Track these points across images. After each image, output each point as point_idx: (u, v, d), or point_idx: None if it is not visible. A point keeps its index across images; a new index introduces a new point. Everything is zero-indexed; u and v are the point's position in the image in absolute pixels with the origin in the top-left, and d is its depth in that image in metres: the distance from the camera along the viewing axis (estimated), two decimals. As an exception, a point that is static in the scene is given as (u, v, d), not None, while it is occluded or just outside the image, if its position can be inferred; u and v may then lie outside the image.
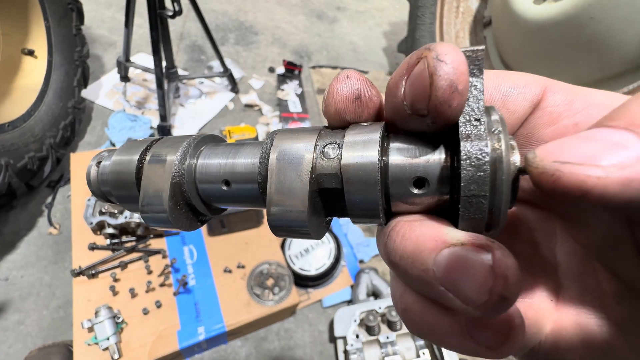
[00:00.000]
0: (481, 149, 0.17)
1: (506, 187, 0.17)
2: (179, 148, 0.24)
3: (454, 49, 0.17)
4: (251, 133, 1.61)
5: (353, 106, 0.21)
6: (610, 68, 1.43)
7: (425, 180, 0.19)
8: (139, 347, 1.08)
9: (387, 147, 0.20)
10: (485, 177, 0.17)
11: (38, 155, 1.37)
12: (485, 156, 0.17)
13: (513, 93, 0.21)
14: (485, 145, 0.17)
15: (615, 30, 1.36)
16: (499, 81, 0.22)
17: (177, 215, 0.23)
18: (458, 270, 0.16)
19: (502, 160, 0.17)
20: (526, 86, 0.22)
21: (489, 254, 0.16)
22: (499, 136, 0.18)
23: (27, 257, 1.35)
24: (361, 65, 2.51)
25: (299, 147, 0.21)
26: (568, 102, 0.21)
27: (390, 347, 1.20)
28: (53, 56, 1.51)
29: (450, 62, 0.17)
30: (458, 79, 0.17)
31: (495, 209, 0.18)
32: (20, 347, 1.17)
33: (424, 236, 0.18)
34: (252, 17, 2.63)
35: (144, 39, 2.11)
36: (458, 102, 0.17)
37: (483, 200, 0.17)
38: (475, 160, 0.17)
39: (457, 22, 1.98)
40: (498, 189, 0.17)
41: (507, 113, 0.22)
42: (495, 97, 0.22)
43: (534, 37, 1.62)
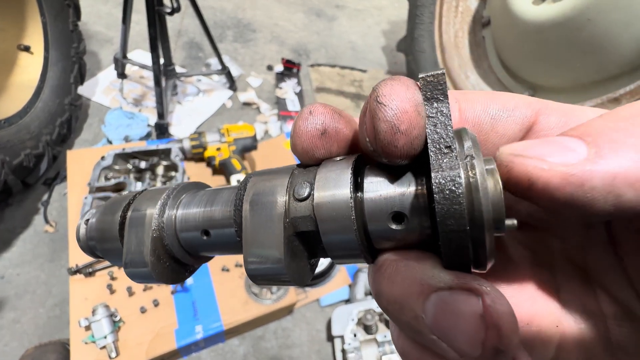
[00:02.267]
0: (453, 179, 0.16)
1: (487, 217, 0.16)
2: (158, 200, 0.23)
3: (398, 86, 0.17)
4: (249, 131, 1.60)
5: (320, 142, 0.20)
6: (607, 70, 1.44)
7: (404, 214, 0.18)
8: (136, 345, 1.08)
9: (362, 181, 0.19)
10: (462, 210, 0.15)
11: (34, 152, 1.35)
12: (458, 187, 0.15)
13: (502, 116, 0.21)
14: (458, 174, 0.16)
15: (612, 33, 1.37)
16: (487, 103, 0.21)
17: (161, 270, 0.23)
18: (448, 319, 0.15)
19: (477, 188, 0.16)
20: (516, 109, 0.21)
21: (479, 299, 0.15)
22: (472, 162, 0.16)
23: (23, 255, 1.34)
24: (360, 64, 2.51)
25: (271, 191, 0.20)
26: (563, 124, 0.20)
27: (387, 346, 1.21)
28: (49, 52, 1.49)
29: (389, 103, 0.16)
30: (399, 120, 0.16)
31: (480, 243, 0.16)
32: (16, 345, 1.16)
33: (410, 280, 0.17)
34: (251, 14, 2.62)
35: (141, 36, 2.09)
36: (404, 141, 0.17)
37: (463, 236, 0.16)
38: (449, 192, 0.16)
39: (456, 21, 1.98)
40: (478, 221, 0.16)
41: (496, 136, 0.21)
42: (483, 120, 0.21)
43: (532, 38, 1.62)
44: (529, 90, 1.76)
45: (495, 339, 0.14)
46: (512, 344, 0.15)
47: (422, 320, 0.16)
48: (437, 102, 0.17)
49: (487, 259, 0.17)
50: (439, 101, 0.17)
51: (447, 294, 0.16)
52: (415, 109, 0.17)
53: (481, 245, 0.16)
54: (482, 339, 0.15)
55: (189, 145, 1.50)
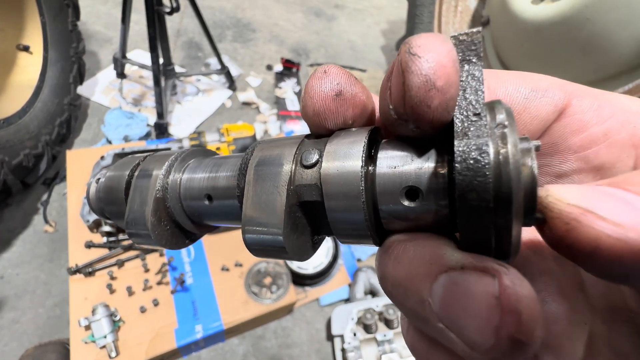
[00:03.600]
0: (480, 148, 0.14)
1: (517, 197, 0.13)
2: (165, 162, 0.23)
3: (434, 38, 0.14)
4: (249, 131, 1.60)
5: (334, 105, 0.18)
6: (606, 69, 1.45)
7: (419, 190, 0.16)
8: (136, 345, 1.08)
9: (376, 154, 0.17)
10: (487, 183, 0.13)
11: (33, 152, 1.35)
12: (485, 157, 0.13)
13: (535, 97, 0.19)
14: (485, 143, 0.14)
15: (611, 32, 1.37)
16: (519, 83, 0.20)
17: (161, 232, 0.22)
18: (457, 303, 0.13)
19: (508, 162, 0.13)
20: (549, 90, 0.19)
21: (495, 279, 0.13)
22: (503, 132, 0.14)
23: (23, 255, 1.34)
24: (359, 64, 2.51)
25: (278, 157, 0.19)
26: (597, 108, 0.19)
27: (387, 345, 1.21)
28: (49, 52, 1.49)
29: (425, 55, 0.14)
30: (436, 74, 0.14)
31: (505, 227, 0.14)
32: (16, 345, 1.16)
33: (418, 259, 0.15)
34: (250, 14, 2.62)
35: (140, 36, 2.09)
36: (439, 101, 0.14)
37: (485, 214, 0.13)
38: (473, 162, 0.13)
39: (456, 21, 1.98)
40: (504, 200, 0.13)
41: (528, 117, 0.19)
42: (515, 100, 0.20)
43: (531, 37, 1.62)
44: (528, 90, 1.77)
45: (513, 327, 0.12)
46: (534, 335, 0.12)
47: (428, 306, 0.14)
48: (468, 65, 0.15)
49: (511, 247, 0.14)
50: (471, 63, 0.15)
51: (459, 274, 0.13)
52: (453, 64, 0.14)
53: (506, 232, 0.14)
54: (496, 324, 0.12)
55: (189, 145, 1.50)
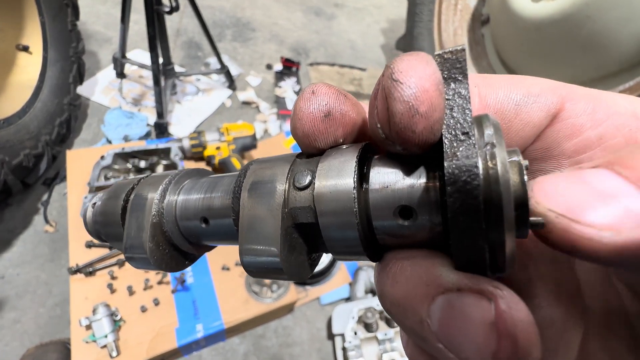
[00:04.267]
0: (469, 170, 0.14)
1: (508, 215, 0.14)
2: (159, 185, 0.23)
3: (416, 61, 0.15)
4: (249, 130, 1.60)
5: (323, 126, 0.18)
6: (607, 67, 1.44)
7: (412, 209, 0.16)
8: (137, 344, 1.08)
9: (368, 171, 0.17)
10: (477, 205, 0.13)
11: (33, 152, 1.35)
12: (474, 178, 0.14)
13: (527, 102, 0.19)
14: (474, 165, 0.14)
15: (611, 30, 1.37)
16: (510, 88, 0.19)
17: (159, 256, 0.22)
18: (455, 325, 0.13)
19: (498, 181, 0.14)
20: (541, 94, 0.19)
21: (491, 303, 0.13)
22: (492, 151, 0.14)
23: (23, 255, 1.34)
24: (359, 63, 2.51)
25: (270, 180, 0.19)
26: (591, 112, 0.18)
27: (388, 344, 1.21)
28: (48, 52, 1.49)
29: (407, 80, 0.14)
30: (418, 100, 0.14)
31: (498, 245, 0.14)
32: (17, 345, 1.16)
33: (415, 279, 0.15)
34: (250, 13, 2.61)
35: (140, 35, 2.09)
36: (424, 125, 0.15)
37: (478, 235, 0.14)
38: (463, 184, 0.14)
39: (455, 19, 1.98)
40: (495, 220, 0.14)
41: (520, 124, 0.19)
42: (506, 107, 0.19)
43: (532, 35, 1.62)
44: (528, 88, 1.77)
45: (509, 351, 0.12)
46: (531, 357, 0.13)
47: (427, 326, 0.14)
48: (455, 83, 0.15)
49: (506, 263, 0.14)
50: (457, 82, 0.15)
51: (455, 296, 0.14)
52: (436, 87, 0.15)
53: (499, 248, 0.14)
54: (494, 350, 0.13)
55: (189, 145, 1.50)
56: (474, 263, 0.14)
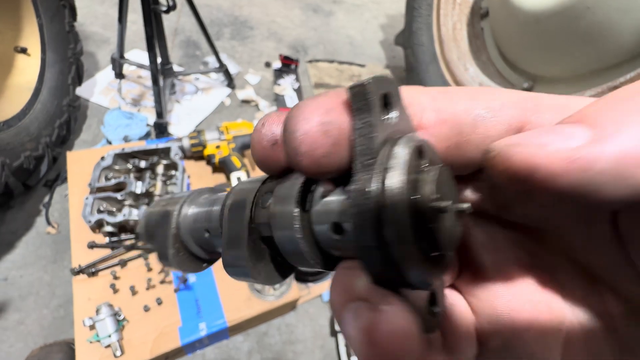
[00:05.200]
0: (363, 194, 0.15)
1: (401, 232, 0.14)
2: (180, 200, 0.27)
3: (304, 107, 0.17)
4: (248, 129, 1.60)
5: (271, 152, 0.20)
6: (607, 58, 1.43)
7: (341, 225, 0.18)
8: (140, 344, 1.09)
9: (313, 192, 0.19)
10: (370, 225, 0.15)
11: (34, 154, 1.36)
12: (366, 201, 0.15)
13: (486, 116, 0.19)
14: (367, 186, 0.15)
15: (612, 21, 1.36)
16: (469, 102, 0.19)
17: (179, 260, 0.26)
18: (346, 330, 0.16)
19: (385, 204, 0.15)
20: (502, 108, 0.19)
21: (375, 313, 0.15)
22: (386, 172, 0.15)
23: (26, 256, 1.35)
24: (358, 59, 2.50)
25: (243, 197, 0.21)
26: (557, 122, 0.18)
27: (390, 340, 1.21)
28: (46, 54, 1.49)
29: (290, 127, 0.17)
30: (298, 142, 0.16)
31: (399, 260, 0.15)
32: (21, 347, 1.17)
33: (339, 287, 0.17)
34: (247, 11, 2.61)
35: (138, 35, 2.09)
36: (308, 162, 0.17)
37: (374, 252, 0.15)
38: (358, 207, 0.15)
39: (454, 13, 1.96)
40: (389, 237, 0.15)
41: (478, 138, 0.19)
42: (464, 121, 0.19)
43: (531, 28, 1.61)
44: (528, 81, 1.75)
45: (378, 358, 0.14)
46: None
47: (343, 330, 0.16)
48: (364, 113, 0.17)
49: (411, 278, 0.16)
50: (365, 111, 0.17)
51: (355, 305, 0.16)
52: (318, 129, 0.16)
53: (400, 264, 0.15)
54: (367, 356, 0.14)
55: (189, 144, 1.50)
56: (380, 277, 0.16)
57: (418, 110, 0.19)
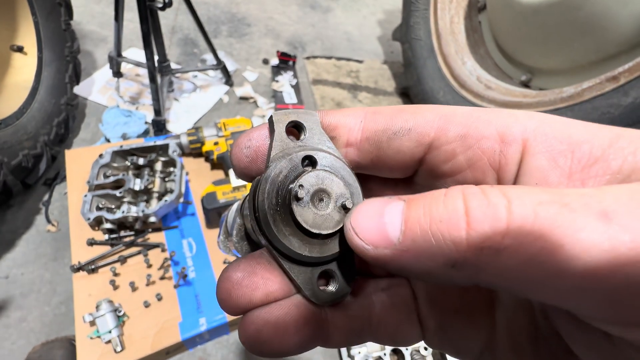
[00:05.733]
0: (255, 181, 0.23)
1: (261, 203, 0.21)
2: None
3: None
4: (246, 125, 1.60)
5: (248, 164, 0.24)
6: (605, 49, 1.42)
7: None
8: (141, 339, 1.09)
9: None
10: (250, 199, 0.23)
11: (32, 152, 1.36)
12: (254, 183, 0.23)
13: (398, 135, 0.22)
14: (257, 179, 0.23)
15: (610, 12, 1.35)
16: (389, 122, 0.23)
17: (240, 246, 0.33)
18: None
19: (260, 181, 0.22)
20: (414, 128, 0.22)
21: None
22: (266, 170, 0.22)
23: (27, 255, 1.35)
24: (356, 55, 2.49)
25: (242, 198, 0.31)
26: (462, 137, 0.21)
27: (390, 333, 1.21)
28: (43, 52, 1.49)
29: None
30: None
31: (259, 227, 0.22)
32: (23, 344, 1.18)
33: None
34: (244, 8, 2.60)
35: (135, 34, 2.08)
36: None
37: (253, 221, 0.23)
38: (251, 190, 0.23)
39: (452, 7, 1.96)
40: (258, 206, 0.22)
41: (392, 152, 0.23)
42: (381, 138, 0.23)
43: (529, 20, 1.60)
44: (526, 74, 1.75)
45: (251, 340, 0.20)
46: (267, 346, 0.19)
47: None
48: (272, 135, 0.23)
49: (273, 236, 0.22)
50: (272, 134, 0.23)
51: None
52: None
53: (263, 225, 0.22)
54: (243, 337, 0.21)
55: (187, 141, 1.50)
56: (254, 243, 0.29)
57: (346, 130, 0.24)
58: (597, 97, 1.29)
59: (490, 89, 1.73)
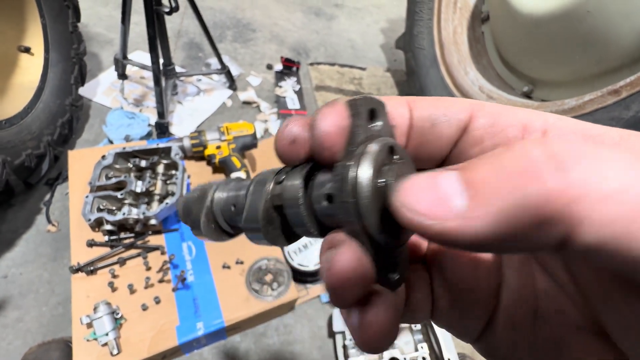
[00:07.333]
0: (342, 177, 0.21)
1: (366, 212, 0.20)
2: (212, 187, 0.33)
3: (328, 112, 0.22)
4: (249, 130, 1.60)
5: (289, 148, 0.25)
6: (607, 62, 1.43)
7: (332, 195, 0.23)
8: (138, 342, 1.09)
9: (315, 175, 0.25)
10: (348, 203, 0.21)
11: (35, 152, 1.37)
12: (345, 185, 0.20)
13: (441, 120, 0.24)
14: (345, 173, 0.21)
15: (612, 24, 1.36)
16: (431, 109, 0.25)
17: (208, 229, 0.32)
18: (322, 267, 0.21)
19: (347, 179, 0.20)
20: (455, 113, 0.24)
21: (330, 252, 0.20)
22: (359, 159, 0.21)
23: (26, 254, 1.35)
24: (359, 62, 2.51)
25: (265, 177, 0.28)
26: (490, 125, 0.23)
27: (388, 341, 1.20)
28: (49, 53, 1.50)
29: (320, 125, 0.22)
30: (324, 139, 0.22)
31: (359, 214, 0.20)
32: (19, 344, 1.17)
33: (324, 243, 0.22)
34: (250, 14, 2.63)
35: (141, 37, 2.10)
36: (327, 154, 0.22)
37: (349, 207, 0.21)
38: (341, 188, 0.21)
39: (455, 17, 1.97)
40: (359, 217, 0.20)
41: (434, 137, 0.24)
42: (425, 123, 0.24)
43: (531, 32, 1.62)
44: (528, 85, 1.76)
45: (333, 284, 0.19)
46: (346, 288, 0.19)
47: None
48: (354, 119, 0.22)
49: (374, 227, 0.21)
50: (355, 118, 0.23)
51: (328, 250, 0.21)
52: (336, 130, 0.22)
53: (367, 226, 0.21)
54: (327, 284, 0.20)
55: (189, 144, 1.51)
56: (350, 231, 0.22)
57: (397, 117, 0.24)
58: (598, 110, 1.29)
59: (492, 99, 1.74)
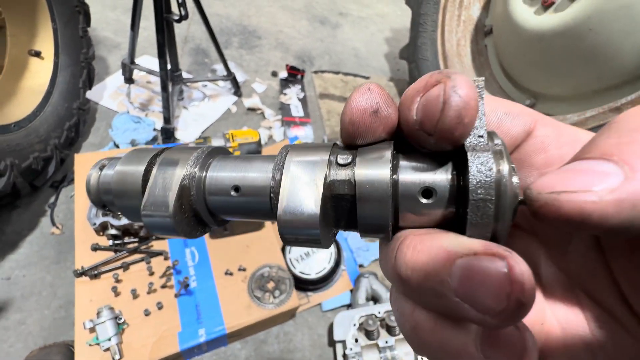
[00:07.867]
0: (487, 157, 0.19)
1: (510, 191, 0.18)
2: (190, 155, 0.25)
3: (469, 83, 0.19)
4: (254, 137, 1.62)
5: (369, 119, 0.21)
6: (608, 79, 1.46)
7: (433, 190, 0.20)
8: (139, 348, 1.09)
9: (397, 163, 0.21)
10: (491, 181, 0.18)
11: (42, 155, 1.38)
12: (489, 160, 0.19)
13: (507, 119, 0.23)
14: (490, 153, 0.19)
15: (614, 42, 1.39)
16: (495, 106, 0.24)
17: (180, 219, 0.23)
18: (474, 280, 0.17)
19: (505, 166, 0.19)
20: (519, 115, 0.24)
21: (504, 261, 0.16)
22: (500, 149, 0.19)
23: (30, 256, 1.36)
24: (363, 71, 2.54)
25: (314, 155, 0.22)
26: (557, 135, 0.23)
27: (389, 352, 1.21)
28: (59, 57, 1.52)
29: (464, 96, 0.18)
30: (466, 113, 0.19)
31: (501, 215, 0.19)
32: (21, 347, 1.17)
33: (436, 247, 0.19)
34: (256, 21, 2.66)
35: (148, 41, 2.13)
36: (461, 132, 0.19)
37: (490, 205, 0.18)
38: (481, 165, 0.19)
39: (459, 30, 2.00)
40: (503, 193, 0.18)
41: (500, 134, 0.23)
42: (491, 120, 0.24)
43: (534, 47, 1.64)
44: (530, 99, 1.78)
45: (520, 292, 0.16)
46: (532, 298, 0.16)
47: (447, 284, 0.17)
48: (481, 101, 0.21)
49: (505, 231, 0.19)
50: (480, 100, 0.21)
51: (474, 258, 0.17)
52: (476, 105, 0.19)
53: (501, 219, 0.19)
54: (508, 292, 0.16)
55: (194, 150, 1.52)
56: (483, 229, 0.19)
57: None
58: (600, 127, 1.31)
59: (495, 112, 1.76)
